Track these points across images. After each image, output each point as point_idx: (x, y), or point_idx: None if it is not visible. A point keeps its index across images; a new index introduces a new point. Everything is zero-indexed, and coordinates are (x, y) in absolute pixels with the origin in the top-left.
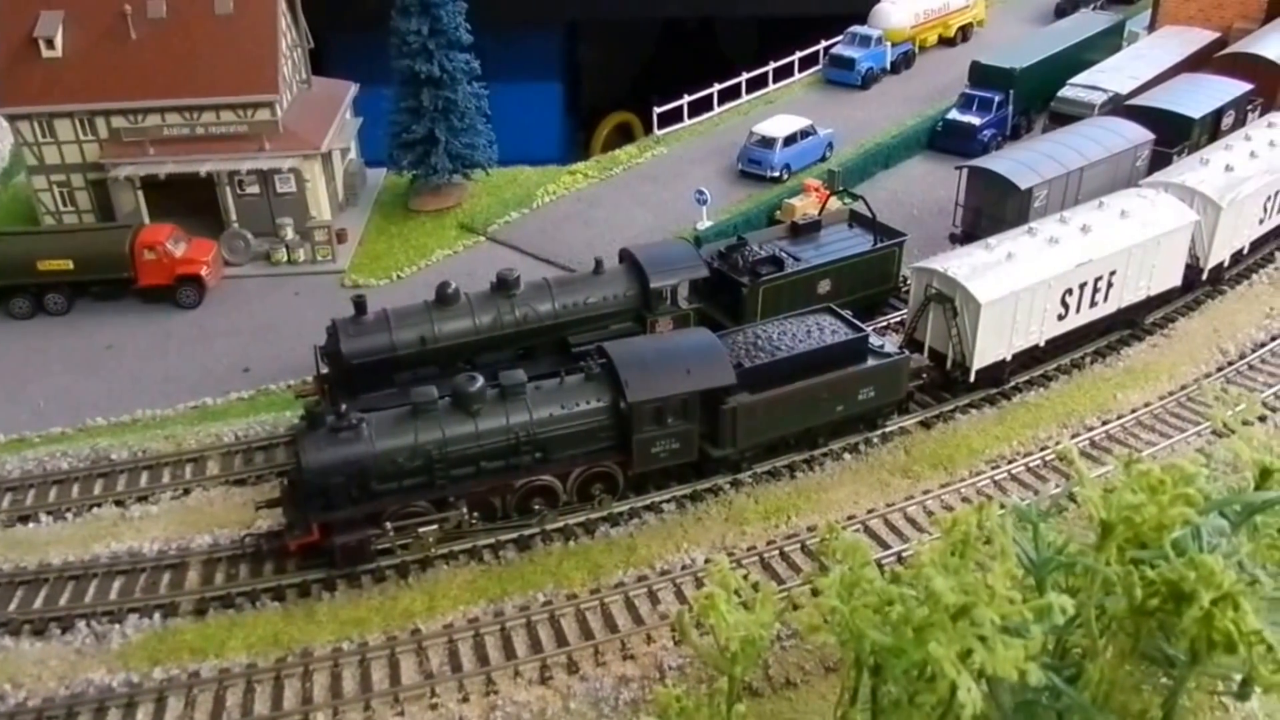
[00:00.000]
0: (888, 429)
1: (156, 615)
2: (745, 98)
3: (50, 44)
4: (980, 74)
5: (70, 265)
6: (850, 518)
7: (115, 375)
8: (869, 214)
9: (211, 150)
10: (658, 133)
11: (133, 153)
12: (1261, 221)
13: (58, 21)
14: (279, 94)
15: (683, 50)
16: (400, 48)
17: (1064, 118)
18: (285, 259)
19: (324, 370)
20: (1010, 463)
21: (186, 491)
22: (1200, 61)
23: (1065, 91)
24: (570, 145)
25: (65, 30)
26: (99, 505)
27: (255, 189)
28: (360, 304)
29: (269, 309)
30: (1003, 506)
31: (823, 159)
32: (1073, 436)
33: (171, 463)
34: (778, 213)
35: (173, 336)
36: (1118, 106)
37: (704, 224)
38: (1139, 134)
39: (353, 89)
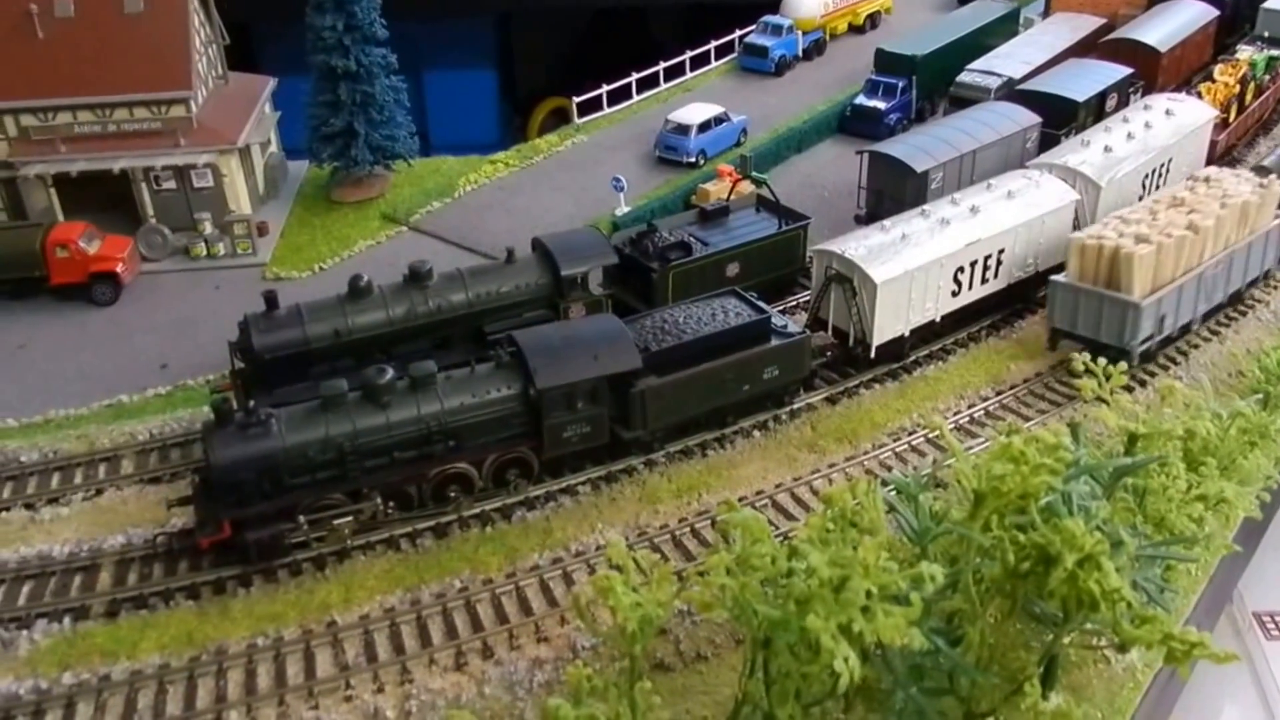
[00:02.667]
0: (795, 406)
1: (66, 619)
2: (664, 85)
3: None
4: (885, 60)
5: None
6: (759, 493)
7: (27, 375)
8: (773, 198)
9: (125, 147)
10: (578, 120)
11: (43, 151)
12: (1140, 199)
13: None
14: (193, 90)
15: (615, 36)
16: (316, 43)
17: (963, 101)
18: (205, 253)
19: (238, 365)
20: (910, 434)
21: (99, 492)
22: (1088, 47)
23: (963, 76)
24: (507, 130)
25: None
26: (7, 509)
27: (172, 184)
28: (271, 298)
29: (188, 304)
30: (883, 481)
31: (737, 144)
32: (969, 407)
33: (84, 463)
34: (693, 198)
35: (88, 334)
36: (1010, 91)
37: (622, 210)
38: (1028, 117)
39: (271, 83)
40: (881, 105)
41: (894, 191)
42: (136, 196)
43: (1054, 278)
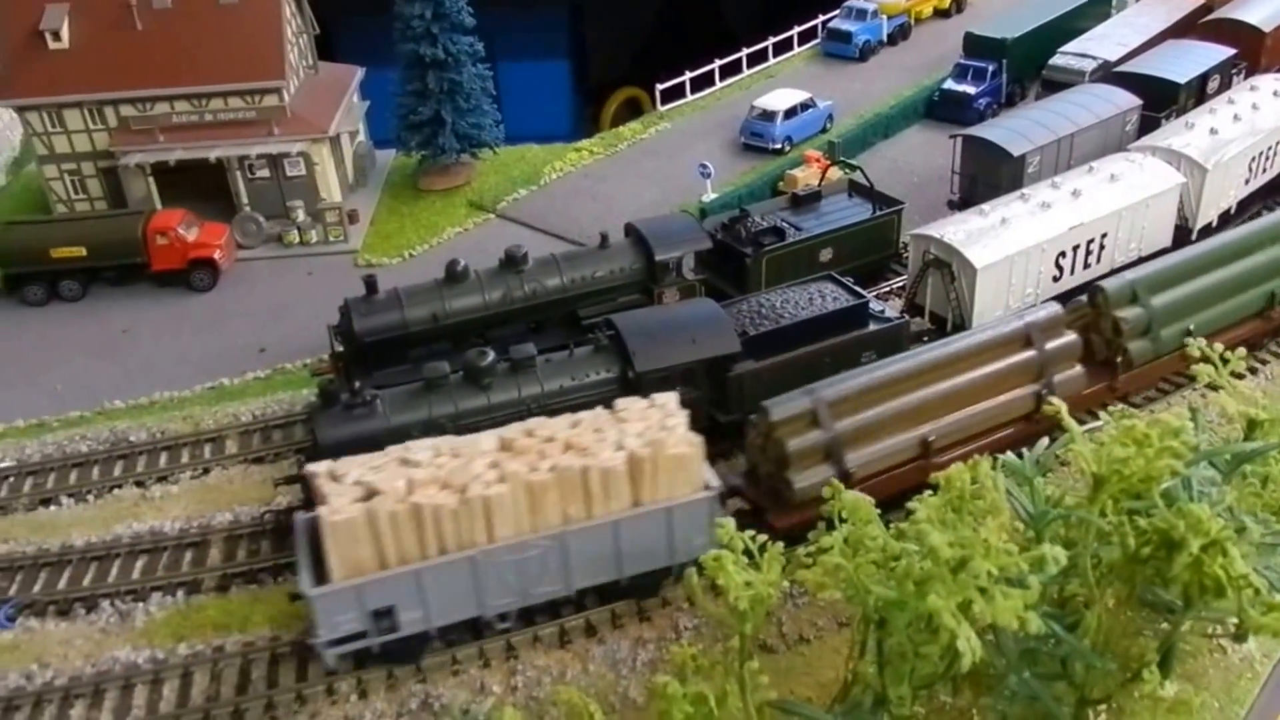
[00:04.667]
0: None
1: (180, 592)
2: (746, 72)
3: (56, 36)
4: (974, 44)
5: (84, 252)
6: None
7: (131, 359)
8: (867, 183)
9: (221, 136)
10: (661, 108)
11: (142, 140)
12: (1247, 182)
13: (63, 14)
14: (286, 80)
15: (687, 24)
16: (404, 32)
17: (1055, 85)
18: (298, 240)
19: (338, 348)
20: None
21: (206, 470)
22: (1185, 28)
23: (1056, 59)
24: (580, 121)
25: (71, 22)
26: (119, 486)
27: (265, 173)
28: (371, 283)
29: (283, 290)
30: (1000, 464)
31: (823, 130)
32: None
33: (190, 443)
34: (780, 184)
35: (188, 319)
36: (1107, 73)
37: (709, 196)
38: (1127, 100)
39: (359, 73)
40: (971, 90)
41: (989, 176)
42: (231, 185)
43: None
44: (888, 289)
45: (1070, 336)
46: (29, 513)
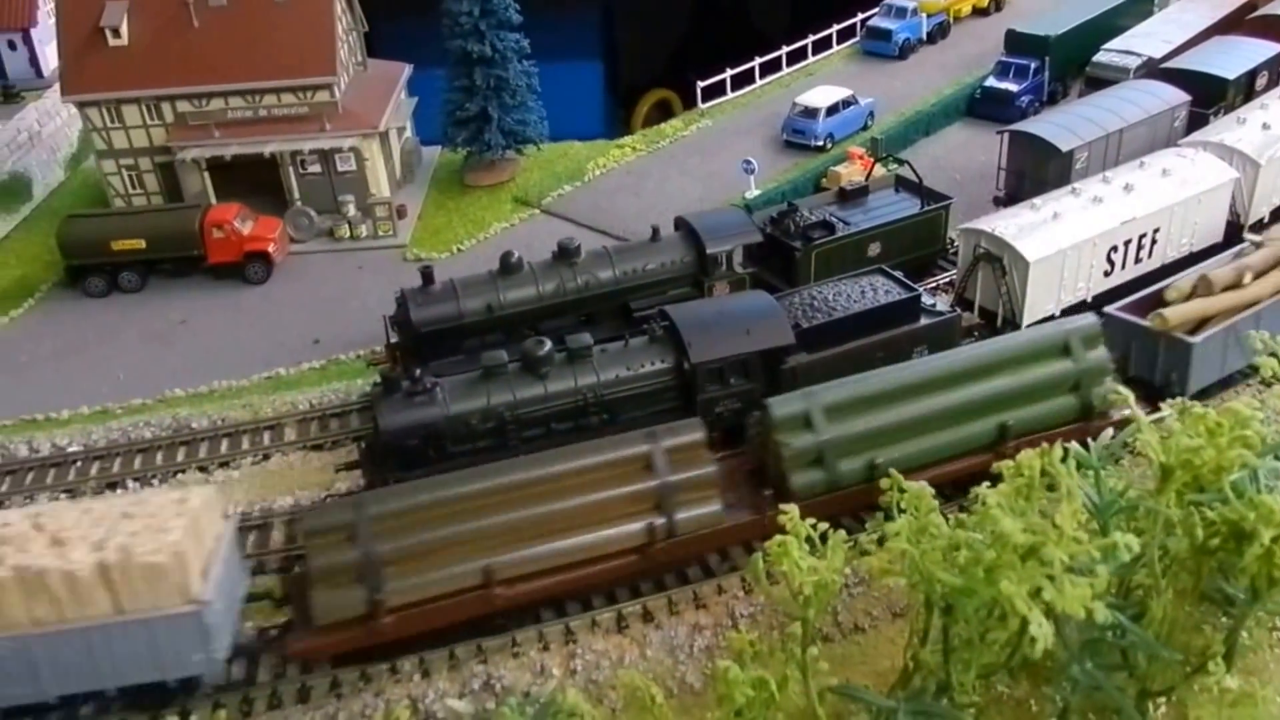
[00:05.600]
0: None
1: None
2: (786, 70)
3: (116, 33)
4: (1016, 41)
5: (143, 244)
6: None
7: (190, 348)
8: (916, 178)
9: (274, 131)
10: (701, 106)
11: (198, 135)
12: None
13: (122, 11)
14: (337, 76)
15: (717, 27)
16: (453, 28)
17: (1100, 82)
18: (348, 235)
19: (394, 339)
20: None
21: (266, 457)
22: (1231, 24)
23: (1100, 56)
24: (611, 123)
25: (130, 19)
26: (183, 471)
27: (317, 168)
28: (428, 274)
29: (334, 283)
30: (1066, 452)
31: (864, 128)
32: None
33: (250, 430)
34: (823, 180)
35: (243, 311)
36: (1152, 70)
37: (752, 193)
38: (1176, 95)
39: (407, 70)
40: (1013, 87)
41: (1036, 172)
42: (284, 180)
43: None
44: (934, 284)
45: (706, 467)
46: (96, 496)
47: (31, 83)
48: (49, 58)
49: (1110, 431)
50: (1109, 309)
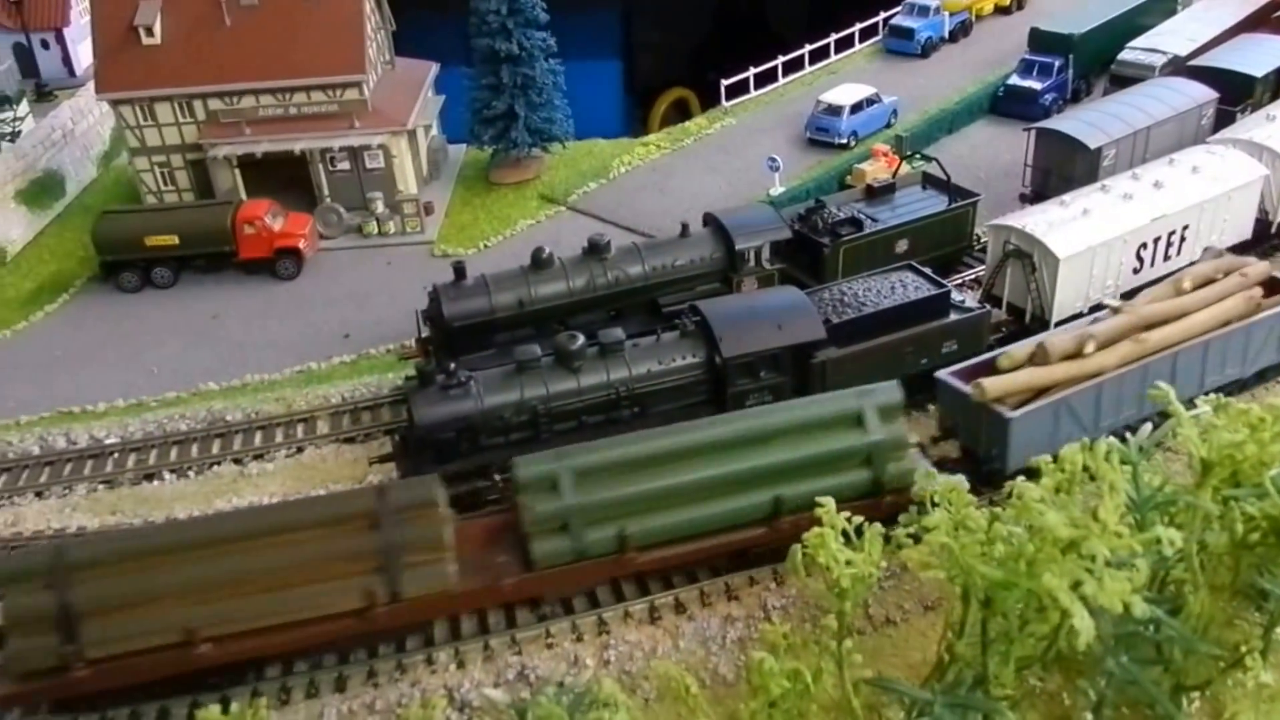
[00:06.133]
0: None
1: None
2: (809, 69)
3: (149, 32)
4: (1040, 40)
5: (176, 240)
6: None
7: (222, 343)
8: (944, 175)
9: (304, 129)
10: (725, 104)
11: (230, 133)
12: None
13: (156, 10)
14: (366, 74)
15: (735, 27)
16: (480, 26)
17: (1125, 80)
18: (376, 231)
19: (425, 333)
20: None
21: (300, 449)
22: (1257, 22)
23: (1125, 54)
24: (629, 122)
25: (163, 18)
26: (218, 463)
27: (345, 165)
28: (460, 269)
29: (363, 278)
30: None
31: (888, 125)
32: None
33: (283, 423)
34: (848, 178)
35: (274, 306)
36: (1179, 68)
37: (776, 190)
38: (1203, 93)
39: (434, 68)
40: (1037, 85)
41: (1063, 169)
42: (313, 176)
43: None
44: (960, 281)
45: (437, 528)
46: (134, 487)
47: (64, 81)
48: (81, 57)
49: (1149, 427)
50: (940, 374)
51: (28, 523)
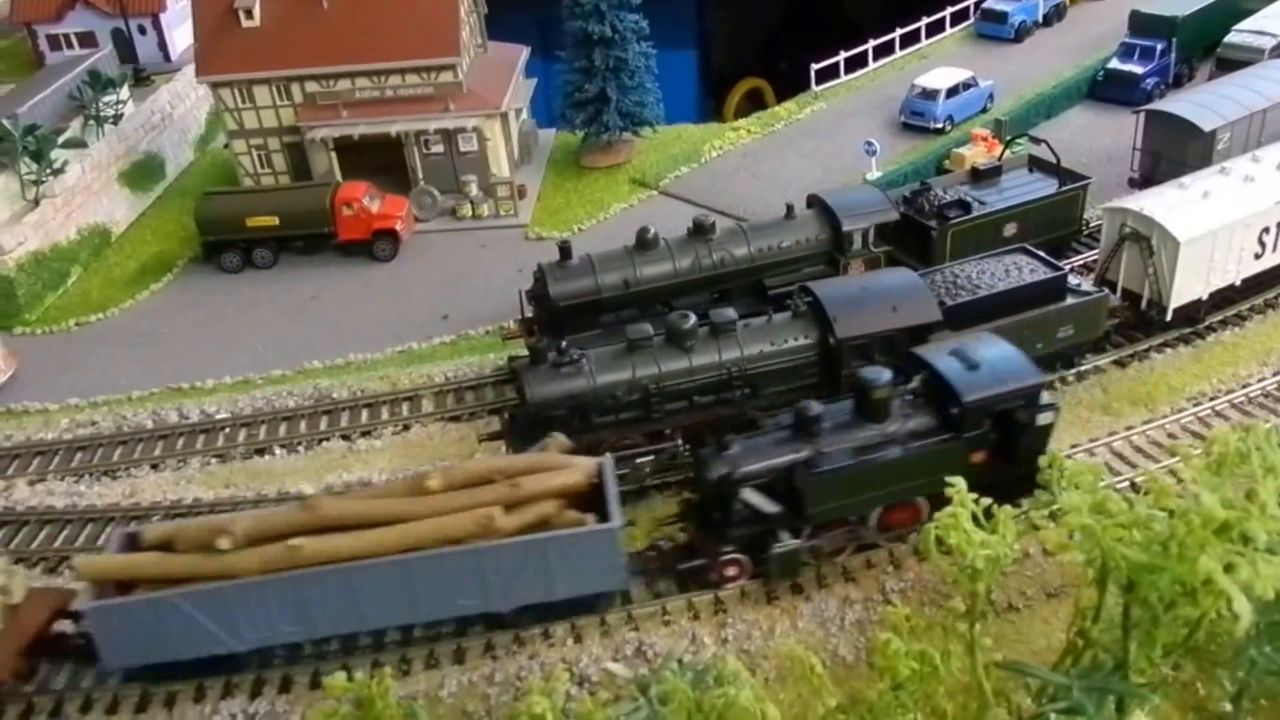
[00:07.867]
0: (1083, 367)
1: None
2: (899, 53)
3: (249, 15)
4: (1141, 23)
5: (276, 221)
6: None
7: (323, 322)
8: (1054, 157)
9: (399, 111)
10: (815, 89)
11: (326, 116)
12: None
13: None
14: (461, 57)
15: (810, 15)
16: (573, 9)
17: (1231, 64)
18: (470, 214)
19: (529, 313)
20: (1212, 399)
21: (406, 427)
22: None
23: (1232, 37)
24: (704, 111)
25: (262, 2)
26: (327, 439)
27: (440, 148)
28: (566, 249)
29: (458, 261)
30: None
31: (984, 110)
32: (1274, 374)
33: (389, 401)
34: (945, 162)
35: (372, 287)
36: None
37: (872, 174)
38: None
39: (525, 52)
40: (1138, 69)
41: (1174, 153)
42: (408, 159)
43: None
44: (1071, 266)
45: None
46: (245, 461)
47: (160, 66)
48: (177, 42)
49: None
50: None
51: (145, 494)
